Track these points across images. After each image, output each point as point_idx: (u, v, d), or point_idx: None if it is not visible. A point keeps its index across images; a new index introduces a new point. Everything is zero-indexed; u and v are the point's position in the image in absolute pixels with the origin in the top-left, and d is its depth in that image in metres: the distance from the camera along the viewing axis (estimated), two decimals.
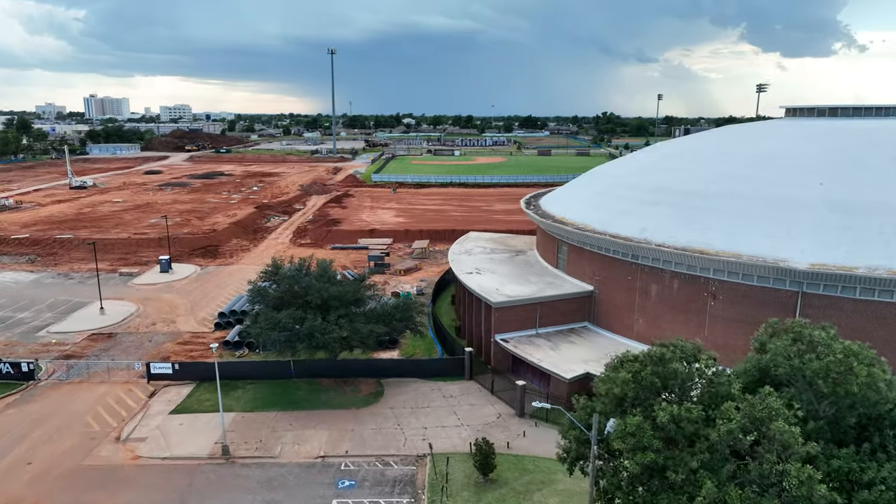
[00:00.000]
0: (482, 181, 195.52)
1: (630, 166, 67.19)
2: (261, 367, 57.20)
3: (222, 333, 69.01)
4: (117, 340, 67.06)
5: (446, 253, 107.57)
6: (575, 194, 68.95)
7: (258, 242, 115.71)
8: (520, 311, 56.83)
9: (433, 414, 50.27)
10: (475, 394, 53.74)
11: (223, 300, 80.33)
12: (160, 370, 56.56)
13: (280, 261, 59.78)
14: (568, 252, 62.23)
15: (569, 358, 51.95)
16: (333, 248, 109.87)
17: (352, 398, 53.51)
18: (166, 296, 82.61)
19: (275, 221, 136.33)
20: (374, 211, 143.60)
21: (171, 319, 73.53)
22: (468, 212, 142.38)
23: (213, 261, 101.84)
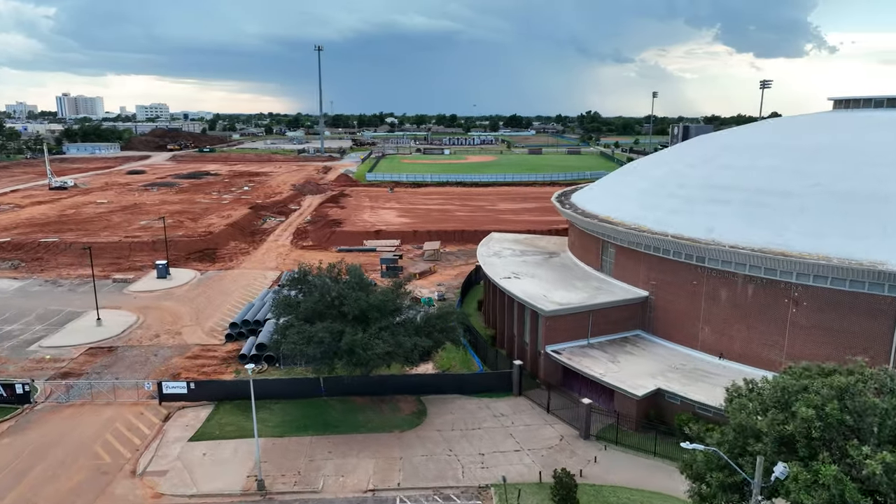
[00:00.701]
0: (480, 180, 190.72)
1: (675, 163, 62.75)
2: (287, 384, 51.59)
3: (235, 346, 63.20)
4: (119, 355, 60.85)
5: (458, 255, 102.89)
6: (616, 192, 64.33)
7: (257, 245, 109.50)
8: (570, 320, 52.03)
9: (487, 437, 45.18)
10: (528, 412, 48.76)
11: (230, 308, 74.35)
12: (174, 390, 50.70)
13: (308, 267, 54.25)
14: (616, 254, 57.55)
15: (632, 371, 47.23)
16: (339, 251, 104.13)
17: (392, 419, 48.21)
18: (167, 304, 76.35)
19: (271, 223, 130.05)
20: (376, 211, 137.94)
21: (176, 331, 67.41)
22: (473, 211, 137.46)
23: (212, 265, 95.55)
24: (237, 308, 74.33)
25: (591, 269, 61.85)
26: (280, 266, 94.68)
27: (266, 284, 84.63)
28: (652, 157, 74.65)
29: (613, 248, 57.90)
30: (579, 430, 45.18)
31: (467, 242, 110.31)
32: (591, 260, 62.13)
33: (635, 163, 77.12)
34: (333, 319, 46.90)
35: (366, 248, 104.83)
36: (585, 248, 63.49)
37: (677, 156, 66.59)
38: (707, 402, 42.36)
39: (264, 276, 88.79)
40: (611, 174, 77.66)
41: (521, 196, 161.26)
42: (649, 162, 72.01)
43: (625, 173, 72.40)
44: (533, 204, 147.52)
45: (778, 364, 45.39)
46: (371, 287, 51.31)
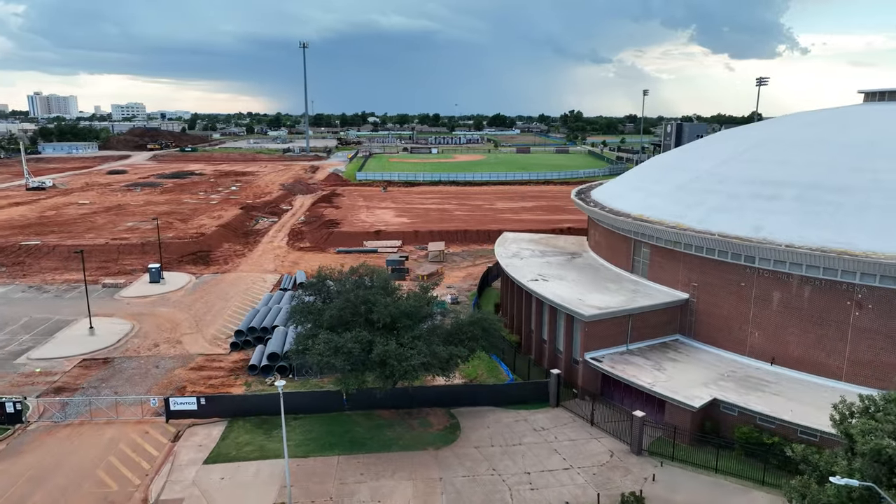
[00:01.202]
0: (473, 179, 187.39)
1: (707, 159, 59.82)
2: (307, 398, 47.55)
3: (242, 356, 58.94)
4: (116, 367, 56.26)
5: (464, 256, 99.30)
6: (645, 189, 61.23)
7: (252, 247, 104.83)
8: (610, 326, 48.78)
9: (530, 454, 41.68)
10: (570, 425, 45.36)
11: (232, 314, 69.97)
12: (182, 406, 46.41)
13: (329, 271, 50.33)
14: (651, 255, 54.46)
15: (683, 380, 44.08)
16: (339, 252, 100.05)
17: (423, 434, 44.48)
18: (163, 310, 71.68)
19: (264, 223, 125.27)
20: (372, 211, 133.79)
21: (176, 339, 62.90)
22: (471, 211, 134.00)
23: (207, 268, 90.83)
24: (240, 314, 69.99)
25: (620, 270, 58.69)
26: (279, 269, 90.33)
27: (266, 288, 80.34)
28: (675, 154, 71.83)
29: (648, 248, 54.80)
30: (630, 445, 41.89)
31: (470, 243, 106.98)
32: (621, 261, 58.98)
33: (658, 159, 74.26)
34: (360, 328, 42.99)
35: (367, 250, 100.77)
36: (613, 249, 60.34)
37: (705, 152, 63.73)
38: (771, 413, 39.36)
39: (263, 280, 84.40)
40: (632, 171, 74.76)
41: (518, 195, 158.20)
42: (675, 158, 69.11)
43: (650, 169, 69.41)
44: (531, 203, 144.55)
45: (839, 371, 42.60)
46: (397, 292, 47.54)
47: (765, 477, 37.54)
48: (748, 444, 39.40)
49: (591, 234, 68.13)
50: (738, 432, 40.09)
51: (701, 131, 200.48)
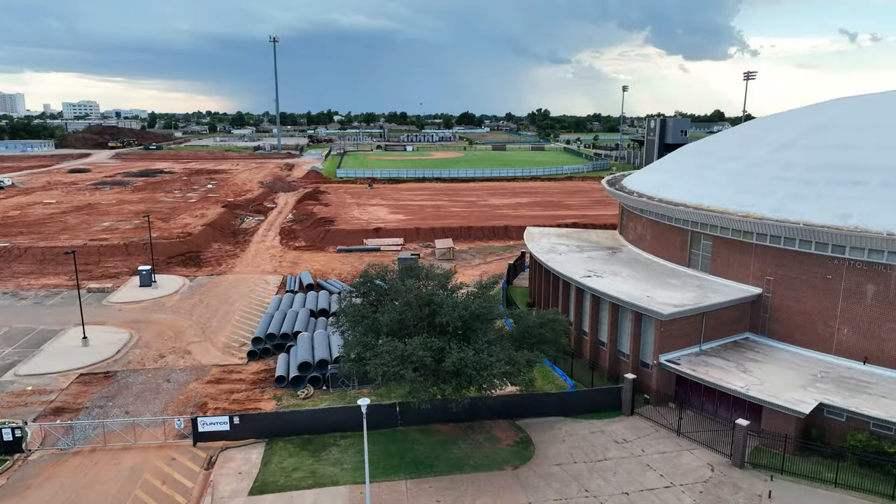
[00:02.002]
0: (458, 175, 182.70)
1: (758, 145, 56.27)
2: (356, 414, 41.90)
3: (262, 365, 52.94)
4: (121, 383, 49.61)
5: (472, 253, 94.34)
6: (694, 177, 57.43)
7: (244, 246, 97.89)
8: (685, 325, 44.66)
9: (621, 471, 37.13)
10: (653, 436, 40.99)
11: (240, 320, 63.65)
12: (213, 426, 40.38)
13: (380, 269, 44.91)
14: (714, 247, 50.59)
15: (777, 383, 40.16)
16: (340, 251, 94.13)
17: (494, 452, 39.51)
18: (160, 317, 64.83)
19: (251, 222, 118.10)
20: (364, 208, 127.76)
21: (183, 349, 56.39)
22: (466, 207, 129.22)
23: (199, 270, 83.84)
24: (249, 319, 63.73)
25: (673, 264, 54.73)
26: (278, 270, 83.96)
27: (270, 291, 74.06)
28: (709, 143, 68.27)
29: (709, 241, 50.93)
30: (730, 457, 37.73)
31: (475, 239, 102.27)
32: (673, 255, 55.03)
33: (689, 149, 70.66)
34: (423, 333, 37.74)
35: (369, 248, 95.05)
36: (663, 242, 56.36)
37: (748, 140, 60.29)
38: (889, 418, 35.67)
39: (266, 282, 78.00)
40: (663, 160, 71.15)
41: (510, 191, 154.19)
42: (712, 147, 65.48)
43: (684, 158, 65.71)
44: (526, 199, 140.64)
45: None
46: (457, 292, 42.45)
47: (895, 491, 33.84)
48: (865, 454, 35.66)
49: (629, 227, 64.10)
50: (851, 440, 36.34)
51: (685, 127, 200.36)
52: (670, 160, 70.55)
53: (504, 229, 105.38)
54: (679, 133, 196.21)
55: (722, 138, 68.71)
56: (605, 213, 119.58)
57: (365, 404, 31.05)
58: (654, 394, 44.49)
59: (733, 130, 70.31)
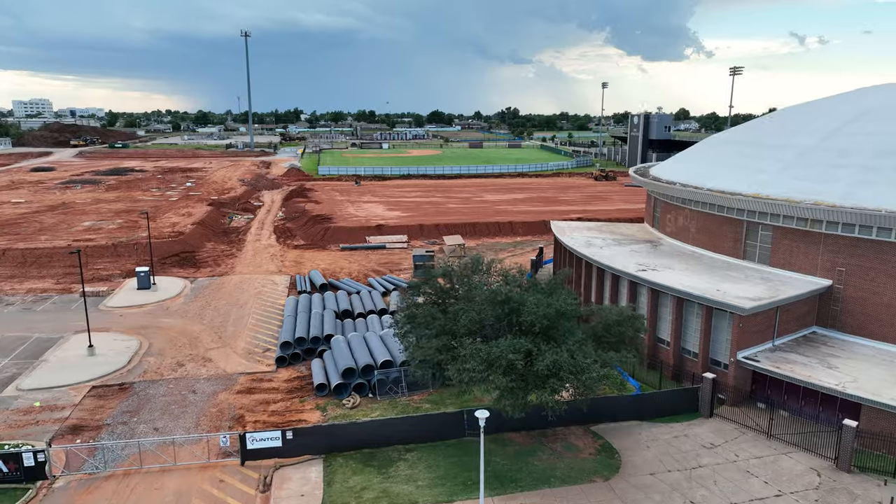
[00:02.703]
0: (445, 172, 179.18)
1: (803, 133, 54.27)
2: (420, 425, 38.14)
3: (294, 372, 48.65)
4: (141, 395, 44.71)
5: (481, 249, 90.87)
6: (737, 165, 55.14)
7: (239, 246, 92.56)
8: (761, 319, 42.22)
9: (721, 479, 34.28)
10: (740, 439, 38.31)
11: (256, 323, 59.03)
12: (263, 443, 36.10)
13: (448, 264, 41.16)
14: (776, 237, 48.34)
15: (871, 379, 37.91)
16: (344, 249, 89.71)
17: (578, 461, 36.24)
18: (168, 321, 59.72)
19: (240, 220, 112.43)
20: (358, 205, 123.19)
21: (202, 356, 51.62)
22: (464, 204, 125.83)
23: (198, 271, 78.50)
24: (265, 323, 59.17)
25: (724, 257, 52.36)
26: (283, 269, 79.20)
27: (281, 292, 69.44)
28: (743, 133, 66.17)
29: (769, 231, 48.67)
30: (833, 461, 35.26)
31: (481, 236, 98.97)
32: (724, 247, 52.68)
33: (720, 138, 68.64)
34: (505, 334, 34.24)
35: (374, 246, 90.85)
36: (712, 233, 53.97)
37: (789, 128, 58.39)
38: None
39: (273, 282, 73.24)
40: (690, 152, 69.02)
41: (503, 187, 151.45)
42: (747, 136, 63.41)
43: (726, 145, 63.40)
44: (521, 195, 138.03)
45: None
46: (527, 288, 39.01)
47: None
48: None
49: (665, 220, 61.63)
50: None
51: (668, 122, 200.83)
52: (699, 151, 68.44)
53: (509, 225, 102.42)
54: (663, 129, 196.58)
55: (755, 127, 66.72)
56: (605, 209, 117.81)
57: (484, 416, 27.36)
58: (730, 393, 41.86)
59: (761, 121, 68.53)
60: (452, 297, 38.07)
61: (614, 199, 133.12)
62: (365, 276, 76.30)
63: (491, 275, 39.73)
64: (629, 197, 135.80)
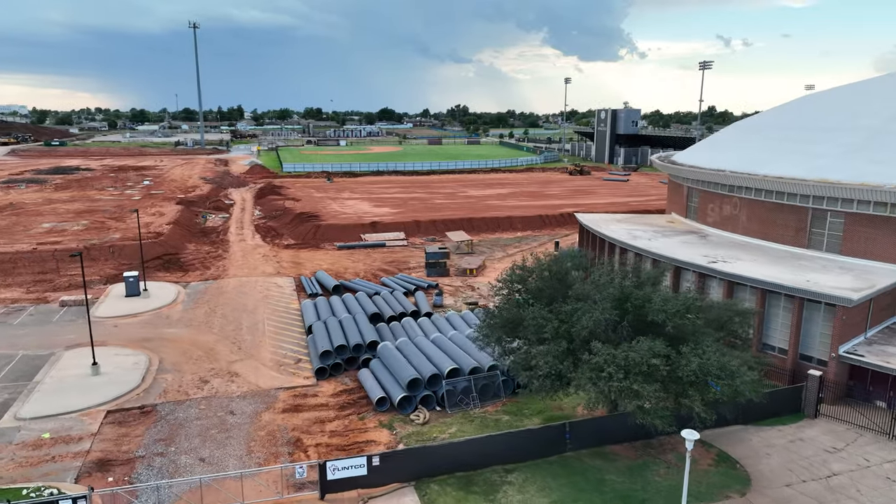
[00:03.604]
0: (417, 168, 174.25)
1: (864, 115, 52.53)
2: (517, 441, 33.57)
3: (338, 385, 43.23)
4: (169, 420, 38.36)
5: (485, 245, 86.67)
6: (786, 150, 52.96)
7: (224, 247, 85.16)
8: (858, 312, 39.75)
9: (864, 487, 31.23)
10: (860, 441, 35.50)
11: (275, 330, 53.09)
12: (346, 472, 30.78)
13: (544, 259, 36.48)
14: (847, 224, 46.15)
15: None
16: (342, 248, 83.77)
17: (699, 475, 32.48)
18: (173, 332, 52.91)
19: (215, 220, 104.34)
20: (341, 202, 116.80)
21: (226, 370, 45.38)
22: (450, 199, 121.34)
23: (186, 275, 71.17)
24: (285, 329, 53.28)
25: (785, 246, 50.01)
26: (281, 271, 72.80)
27: (288, 294, 63.45)
28: (782, 115, 64.19)
29: (840, 217, 46.47)
30: None
31: (480, 232, 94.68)
32: (784, 236, 50.33)
33: (757, 122, 66.44)
34: (629, 336, 30.16)
35: (374, 244, 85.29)
36: (769, 222, 51.57)
37: (846, 108, 56.71)
38: None
39: (277, 285, 66.91)
40: (715, 138, 66.92)
41: (482, 183, 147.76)
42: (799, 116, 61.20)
43: (767, 130, 61.14)
44: (505, 189, 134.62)
45: None
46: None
47: None
48: None
49: (705, 209, 59.07)
50: None
51: (635, 117, 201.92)
52: (730, 137, 66.40)
53: (508, 220, 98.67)
54: (630, 124, 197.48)
55: (791, 112, 64.66)
56: (594, 202, 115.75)
57: (693, 439, 23.08)
58: (830, 391, 39.14)
59: (798, 105, 66.54)
60: (556, 297, 33.60)
61: (600, 192, 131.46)
62: (374, 275, 70.87)
63: (591, 271, 35.51)
64: (612, 190, 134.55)
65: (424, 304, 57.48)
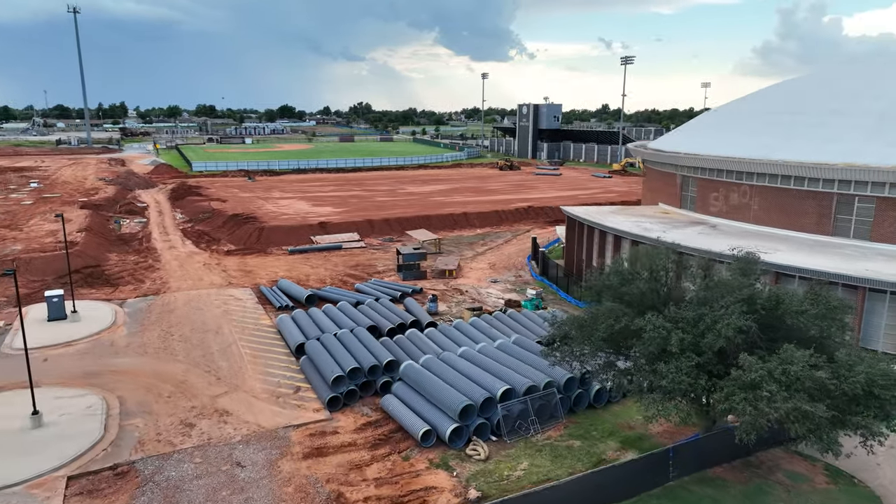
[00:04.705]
0: (341, 166, 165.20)
1: (884, 97, 51.41)
2: (619, 474, 28.06)
3: (358, 417, 35.95)
4: (159, 481, 29.59)
5: (451, 245, 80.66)
6: (795, 134, 51.11)
7: (153, 256, 73.59)
8: None
9: None
10: None
11: (255, 353, 44.61)
12: None
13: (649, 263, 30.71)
14: (878, 210, 44.56)
15: None
16: (294, 252, 74.91)
17: (821, 494, 28.60)
18: (126, 362, 43.06)
19: (132, 226, 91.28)
20: (274, 202, 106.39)
21: (213, 408, 36.70)
22: (392, 196, 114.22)
23: (117, 290, 60.10)
24: (264, 351, 44.94)
25: (807, 235, 48.04)
26: (233, 281, 63.29)
27: (251, 308, 54.67)
28: (768, 98, 62.76)
29: (870, 203, 44.84)
30: None
31: (437, 229, 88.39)
32: (803, 223, 48.39)
33: (750, 106, 64.44)
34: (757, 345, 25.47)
35: (329, 246, 77.02)
36: (786, 210, 49.48)
37: (838, 92, 55.84)
38: None
39: (234, 298, 57.64)
40: (703, 122, 64.88)
41: (417, 179, 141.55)
42: (786, 101, 59.82)
43: (762, 115, 59.08)
44: (444, 185, 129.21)
45: None
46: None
47: None
48: None
49: (705, 199, 56.51)
50: None
51: (557, 112, 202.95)
52: (713, 124, 64.50)
53: (464, 217, 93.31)
54: (552, 118, 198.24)
55: (777, 96, 63.22)
56: (541, 196, 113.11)
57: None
58: None
59: (785, 89, 65.09)
60: (655, 304, 28.36)
61: (541, 186, 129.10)
62: (343, 282, 63.13)
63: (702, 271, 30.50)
64: (551, 185, 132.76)
65: (421, 312, 50.82)
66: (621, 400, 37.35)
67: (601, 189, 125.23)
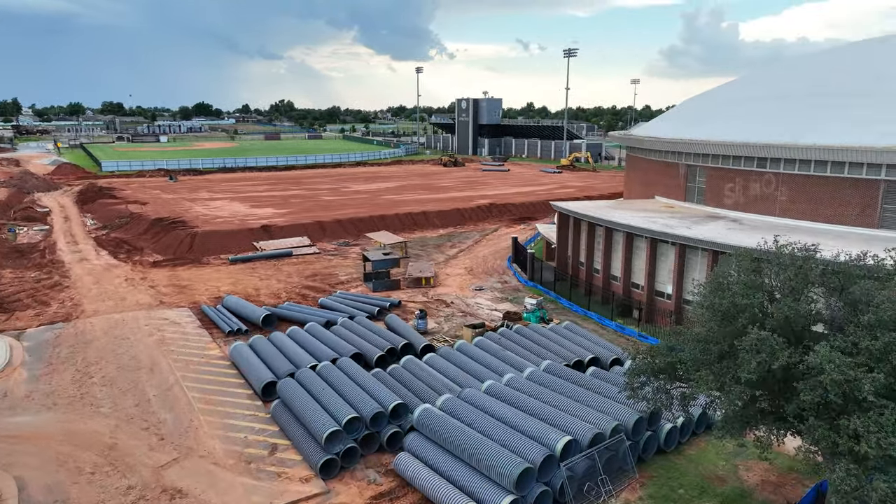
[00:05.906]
0: (272, 164, 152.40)
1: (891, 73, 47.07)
2: None
3: (364, 488, 26.77)
4: None
5: (417, 248, 71.64)
6: (828, 117, 45.76)
7: (60, 270, 60.59)
8: None
9: None
10: None
11: (207, 398, 34.42)
12: None
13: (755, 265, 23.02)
14: None
15: None
16: (236, 262, 63.89)
17: None
18: (26, 421, 31.89)
19: (31, 234, 76.92)
20: (204, 203, 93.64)
21: (160, 486, 26.53)
22: (338, 195, 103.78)
23: (13, 317, 47.79)
24: (218, 394, 34.84)
25: (848, 227, 42.62)
26: (164, 301, 52.03)
27: (193, 335, 44.09)
28: (767, 80, 57.80)
29: None
30: None
31: (398, 231, 79.51)
32: (844, 215, 42.89)
33: (740, 90, 59.39)
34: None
35: (277, 253, 66.36)
36: (822, 201, 43.89)
37: (853, 69, 51.21)
38: None
39: (172, 322, 46.62)
40: (677, 110, 59.11)
41: (360, 177, 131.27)
42: (790, 83, 54.97)
43: (767, 100, 53.79)
44: (392, 183, 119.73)
45: None
46: None
47: None
48: None
49: (723, 190, 50.32)
50: None
51: (497, 107, 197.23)
52: (707, 108, 58.87)
53: (424, 217, 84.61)
54: (493, 114, 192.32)
55: (779, 79, 58.30)
56: (499, 192, 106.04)
57: None
58: None
59: (785, 70, 60.11)
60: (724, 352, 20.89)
61: (493, 183, 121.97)
62: (302, 296, 53.24)
63: None
64: (503, 181, 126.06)
65: (411, 332, 41.86)
66: (691, 438, 30.06)
67: (557, 184, 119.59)
